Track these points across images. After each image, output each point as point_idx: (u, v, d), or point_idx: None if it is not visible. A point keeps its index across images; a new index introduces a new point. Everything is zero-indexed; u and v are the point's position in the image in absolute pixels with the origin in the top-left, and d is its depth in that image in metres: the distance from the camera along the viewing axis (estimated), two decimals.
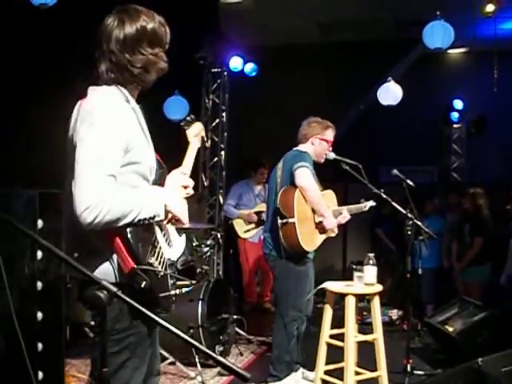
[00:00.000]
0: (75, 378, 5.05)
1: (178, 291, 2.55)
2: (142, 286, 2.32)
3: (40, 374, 3.95)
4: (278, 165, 5.26)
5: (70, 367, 5.25)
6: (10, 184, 4.33)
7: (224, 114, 9.62)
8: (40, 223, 4.01)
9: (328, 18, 8.89)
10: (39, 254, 3.98)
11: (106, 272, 2.41)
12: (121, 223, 2.31)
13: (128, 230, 2.34)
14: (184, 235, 2.81)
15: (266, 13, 8.39)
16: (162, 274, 2.43)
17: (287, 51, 9.50)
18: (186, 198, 2.71)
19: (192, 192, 2.75)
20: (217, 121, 9.53)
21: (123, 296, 1.86)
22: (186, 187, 2.70)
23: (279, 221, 4.93)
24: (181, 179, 2.72)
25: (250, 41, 9.36)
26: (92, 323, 5.53)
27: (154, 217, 2.42)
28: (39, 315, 4.01)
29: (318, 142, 5.27)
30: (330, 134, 5.33)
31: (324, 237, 5.22)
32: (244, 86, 9.29)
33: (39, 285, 4.02)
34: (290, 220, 4.87)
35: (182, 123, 3.08)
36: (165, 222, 2.58)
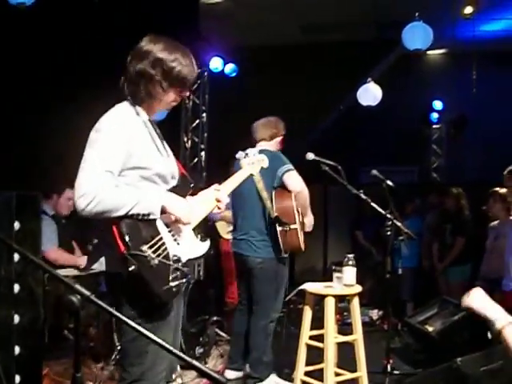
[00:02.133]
0: (53, 381, 5.00)
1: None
2: (130, 269, 2.56)
3: (17, 378, 3.91)
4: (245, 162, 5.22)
5: (49, 370, 5.20)
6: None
7: (204, 115, 9.61)
8: (17, 225, 3.97)
9: (308, 18, 8.89)
10: (16, 256, 3.94)
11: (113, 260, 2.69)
12: (114, 214, 2.59)
13: (124, 220, 2.61)
14: (208, 241, 3.09)
15: (246, 13, 8.38)
16: (155, 262, 2.63)
17: (267, 52, 9.49)
18: None
19: (223, 208, 3.15)
20: (197, 121, 9.51)
21: (96, 300, 1.85)
22: (218, 201, 3.09)
23: (279, 228, 4.91)
24: (212, 193, 3.10)
25: (230, 41, 9.34)
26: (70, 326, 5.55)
27: (149, 214, 2.68)
28: (16, 318, 3.97)
29: (279, 140, 5.36)
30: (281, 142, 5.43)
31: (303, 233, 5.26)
32: (224, 86, 9.28)
33: (16, 287, 3.98)
34: (292, 226, 4.91)
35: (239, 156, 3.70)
36: (172, 220, 2.82)
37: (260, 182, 4.80)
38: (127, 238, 2.59)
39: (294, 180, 4.93)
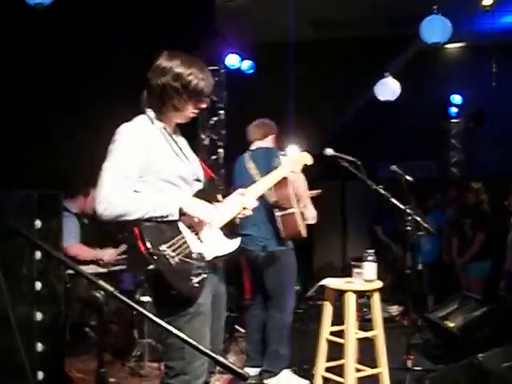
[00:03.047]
0: (76, 377, 5.04)
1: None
2: (149, 268, 2.68)
3: (40, 374, 3.95)
4: (246, 164, 5.28)
5: (71, 367, 5.24)
6: (9, 185, 4.33)
7: (222, 112, 9.59)
8: (38, 223, 4.01)
9: (324, 14, 8.87)
10: (38, 254, 3.98)
11: None
12: (132, 217, 2.74)
13: (145, 223, 2.74)
14: (238, 239, 3.17)
15: (262, 10, 8.37)
16: (175, 261, 2.73)
17: (284, 48, 9.47)
18: None
19: (250, 213, 3.22)
20: (215, 119, 9.50)
21: (120, 296, 1.87)
22: (244, 208, 3.16)
23: (278, 213, 4.94)
24: (236, 198, 3.19)
25: (247, 38, 9.33)
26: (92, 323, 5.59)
27: (168, 215, 2.80)
28: (38, 315, 4.01)
29: (272, 140, 5.41)
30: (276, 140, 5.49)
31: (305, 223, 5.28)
32: (241, 83, 9.27)
33: (38, 285, 4.02)
34: (290, 210, 4.93)
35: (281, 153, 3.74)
36: (195, 221, 2.92)
37: (257, 175, 4.85)
38: (147, 239, 2.71)
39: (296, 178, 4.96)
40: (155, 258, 2.68)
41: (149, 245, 2.69)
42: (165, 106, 2.98)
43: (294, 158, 3.72)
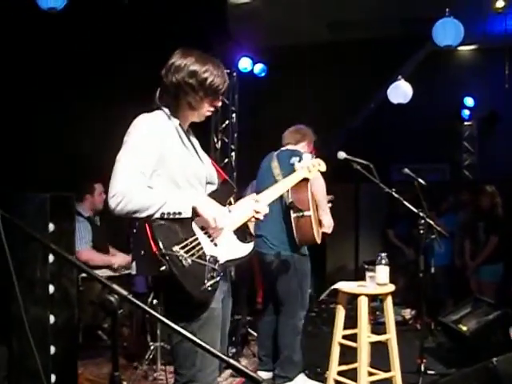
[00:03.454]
0: (88, 380, 5.05)
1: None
2: (161, 269, 2.59)
3: (53, 377, 3.97)
4: (272, 163, 5.22)
5: (84, 370, 5.26)
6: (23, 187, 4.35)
7: (234, 115, 9.61)
8: (51, 226, 4.03)
9: (336, 16, 8.86)
10: (51, 257, 4.00)
11: None
12: (144, 214, 2.64)
13: (157, 221, 2.66)
14: (251, 243, 3.10)
15: (275, 13, 8.37)
16: (188, 262, 2.66)
17: (296, 51, 9.47)
18: None
19: (261, 218, 3.13)
20: (227, 122, 9.52)
21: (134, 299, 1.87)
22: (257, 212, 3.07)
23: (293, 215, 4.91)
24: (248, 203, 3.09)
25: (259, 41, 9.34)
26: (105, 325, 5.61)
27: (180, 213, 2.70)
28: (52, 318, 4.02)
29: (306, 148, 5.34)
30: (312, 145, 5.43)
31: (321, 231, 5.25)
32: (253, 86, 9.28)
33: (51, 288, 4.04)
34: (306, 213, 4.88)
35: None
36: (208, 223, 2.82)
37: (279, 175, 4.83)
38: (159, 239, 2.62)
39: (315, 180, 4.85)
40: (167, 258, 2.60)
41: (161, 245, 2.61)
42: (180, 104, 2.94)
43: (309, 164, 3.68)
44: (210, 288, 2.75)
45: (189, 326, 2.76)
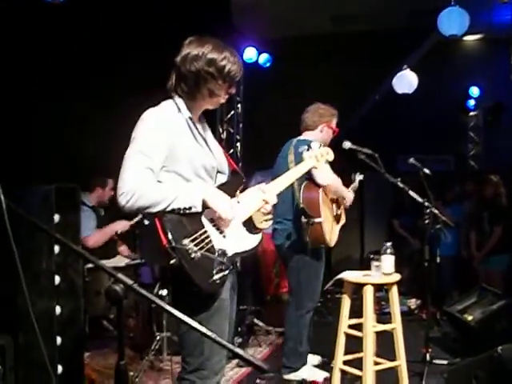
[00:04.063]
0: (95, 370, 5.07)
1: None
2: (171, 262, 2.61)
3: (59, 368, 3.98)
4: (289, 151, 5.10)
5: (90, 360, 5.28)
6: (27, 179, 4.36)
7: (239, 106, 9.61)
8: (57, 217, 4.03)
9: (342, 7, 8.82)
10: (56, 248, 4.00)
11: None
12: (155, 210, 2.66)
13: (167, 215, 2.68)
14: (259, 235, 3.10)
15: (278, 4, 8.35)
16: (197, 255, 2.67)
17: (301, 42, 9.45)
18: None
19: (269, 208, 3.14)
20: (232, 112, 9.52)
21: (139, 288, 1.88)
22: (266, 202, 3.08)
23: (304, 220, 4.86)
24: (258, 192, 3.09)
25: (264, 32, 9.31)
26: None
27: (190, 207, 2.73)
28: (58, 309, 4.03)
29: (326, 129, 5.23)
30: (335, 122, 5.30)
31: (339, 227, 5.22)
32: (258, 76, 9.27)
33: (57, 279, 4.05)
34: (317, 220, 4.80)
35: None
36: (216, 216, 2.85)
37: (293, 164, 4.79)
38: (169, 232, 2.64)
39: (321, 173, 4.74)
40: (177, 252, 2.62)
41: (171, 238, 2.63)
42: (199, 92, 2.93)
43: (317, 153, 3.66)
44: (218, 281, 2.77)
45: (197, 317, 2.78)
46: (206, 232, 2.79)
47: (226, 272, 2.82)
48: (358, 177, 5.30)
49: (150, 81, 3.14)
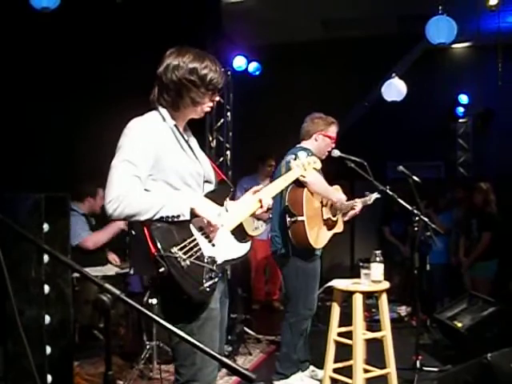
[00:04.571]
0: (85, 380, 5.05)
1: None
2: (161, 270, 2.62)
3: (49, 377, 3.96)
4: (282, 162, 5.18)
5: (80, 370, 5.26)
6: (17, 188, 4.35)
7: (229, 114, 9.61)
8: (46, 227, 4.02)
9: (330, 14, 8.86)
10: (46, 257, 3.99)
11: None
12: (142, 218, 2.67)
13: (155, 223, 2.68)
14: (248, 243, 3.11)
15: (269, 11, 8.37)
16: (186, 264, 2.67)
17: (290, 49, 9.48)
18: None
19: (265, 210, 3.16)
20: (222, 121, 9.52)
21: (126, 299, 1.87)
22: (261, 204, 3.12)
23: (288, 219, 4.91)
24: (251, 195, 3.14)
25: (253, 40, 9.34)
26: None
27: (179, 215, 2.73)
28: (47, 318, 4.02)
29: (321, 138, 5.22)
30: (333, 131, 5.27)
31: (331, 233, 5.22)
32: (248, 85, 9.28)
33: (46, 288, 4.03)
34: (299, 218, 4.85)
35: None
36: (205, 224, 2.86)
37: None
38: (158, 240, 2.65)
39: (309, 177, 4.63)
40: (166, 260, 2.62)
41: (160, 247, 2.63)
42: (182, 102, 2.94)
43: (304, 162, 3.67)
44: (208, 289, 2.77)
45: (188, 326, 2.80)
46: (194, 240, 2.79)
47: (216, 280, 2.82)
48: (375, 195, 5.27)
49: (140, 88, 3.15)
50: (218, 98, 3.09)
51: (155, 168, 2.80)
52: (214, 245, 2.90)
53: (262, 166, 8.26)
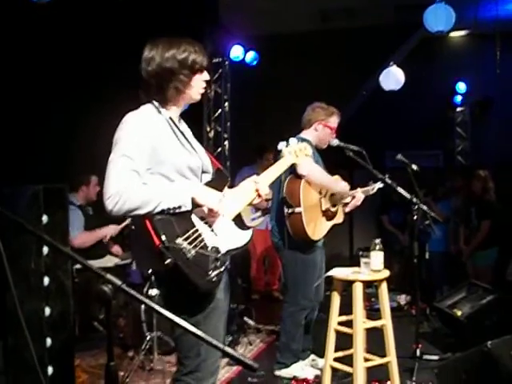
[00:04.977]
0: (85, 372, 5.06)
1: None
2: (166, 262, 2.58)
3: (50, 369, 3.96)
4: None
5: (81, 361, 5.26)
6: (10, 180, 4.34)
7: (226, 104, 9.60)
8: (45, 218, 4.01)
9: (328, 4, 8.83)
10: (45, 249, 3.98)
11: None
12: (143, 211, 2.64)
13: (157, 216, 2.65)
14: (250, 231, 3.09)
15: (266, 1, 8.34)
16: (192, 254, 2.66)
17: (288, 39, 9.45)
18: None
19: (259, 201, 3.14)
20: (219, 111, 9.51)
21: (128, 289, 1.87)
22: (258, 194, 3.08)
23: (286, 210, 4.91)
24: (250, 184, 3.10)
25: (250, 30, 9.30)
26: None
27: (180, 206, 2.70)
28: (47, 310, 4.01)
29: (321, 127, 5.20)
30: (334, 121, 5.25)
31: (331, 224, 5.21)
32: (245, 74, 9.26)
33: (46, 280, 4.03)
34: (297, 209, 4.84)
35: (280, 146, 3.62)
36: (206, 212, 2.83)
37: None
38: (162, 232, 2.63)
39: (301, 165, 4.63)
40: (171, 251, 2.60)
41: (164, 238, 2.60)
42: (167, 93, 2.91)
43: (295, 148, 3.65)
44: (214, 278, 2.76)
45: (194, 318, 2.79)
46: (197, 230, 2.77)
47: (222, 269, 2.82)
48: (378, 185, 5.24)
49: (136, 82, 3.12)
50: (208, 78, 3.02)
51: (152, 161, 2.78)
52: (216, 234, 2.88)
53: (259, 160, 8.22)
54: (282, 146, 4.22)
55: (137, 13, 6.67)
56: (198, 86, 2.98)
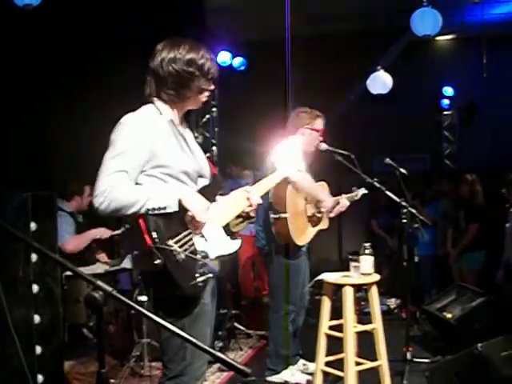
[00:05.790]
0: (76, 379, 5.03)
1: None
2: (156, 262, 2.60)
3: (40, 377, 3.94)
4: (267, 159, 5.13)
5: (71, 369, 5.23)
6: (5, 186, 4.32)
7: (214, 110, 9.58)
8: (33, 225, 3.99)
9: (315, 9, 8.85)
10: (34, 256, 3.96)
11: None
12: (129, 211, 2.65)
13: (150, 215, 2.65)
14: (239, 239, 3.06)
15: (253, 6, 8.34)
16: (181, 257, 2.66)
17: (275, 44, 9.44)
18: None
19: (250, 210, 3.07)
20: (207, 116, 9.50)
21: (119, 295, 1.86)
22: (250, 204, 3.04)
23: (272, 216, 4.91)
24: (242, 193, 3.05)
25: (238, 35, 9.30)
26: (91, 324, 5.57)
27: (165, 207, 2.68)
28: (36, 318, 3.99)
29: (308, 132, 5.15)
30: (319, 124, 5.21)
31: (316, 230, 5.21)
32: (233, 80, 9.25)
33: (35, 288, 4.01)
34: (283, 215, 4.84)
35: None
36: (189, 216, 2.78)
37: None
38: (154, 232, 2.64)
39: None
40: (161, 252, 2.61)
41: (156, 238, 2.62)
42: (182, 93, 2.92)
43: (286, 157, 3.62)
44: (200, 284, 2.76)
45: (180, 321, 2.78)
46: (189, 234, 2.78)
47: (210, 275, 2.81)
48: (362, 191, 5.24)
49: (126, 83, 3.12)
50: (213, 87, 3.03)
51: (149, 164, 2.79)
52: (206, 240, 2.87)
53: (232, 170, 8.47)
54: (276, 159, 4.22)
55: (123, 17, 6.66)
56: (204, 94, 3.00)
